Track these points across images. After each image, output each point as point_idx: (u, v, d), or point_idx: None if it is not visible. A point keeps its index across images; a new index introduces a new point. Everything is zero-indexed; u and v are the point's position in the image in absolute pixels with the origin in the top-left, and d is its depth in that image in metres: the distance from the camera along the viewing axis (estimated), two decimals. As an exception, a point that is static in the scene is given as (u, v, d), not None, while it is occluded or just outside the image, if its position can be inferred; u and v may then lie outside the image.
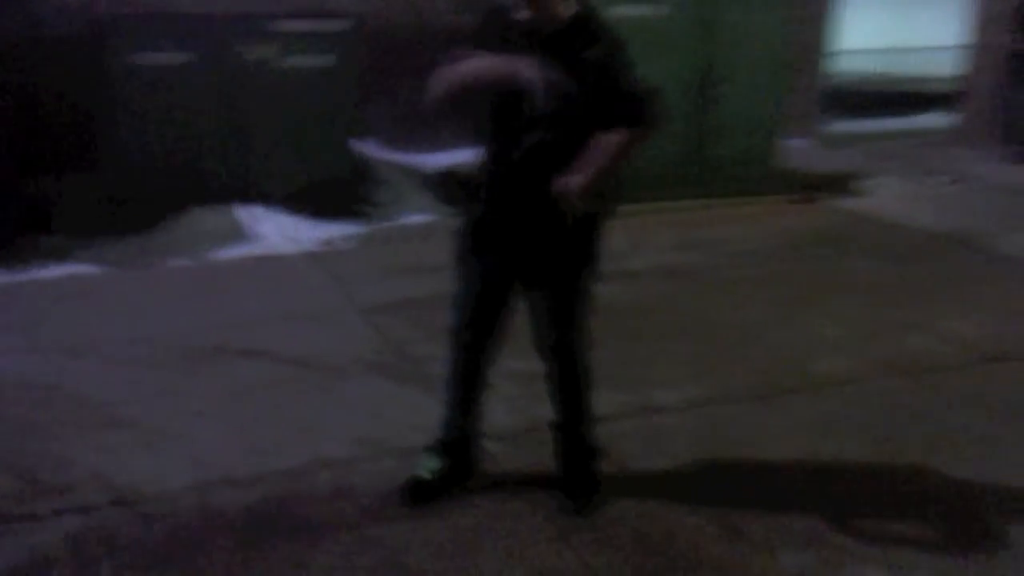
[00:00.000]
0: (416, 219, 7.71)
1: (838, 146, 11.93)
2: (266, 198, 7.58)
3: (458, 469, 3.51)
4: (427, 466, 3.48)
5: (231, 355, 4.91)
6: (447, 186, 7.94)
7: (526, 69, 2.93)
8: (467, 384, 3.48)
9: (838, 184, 9.28)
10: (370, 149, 9.04)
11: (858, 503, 3.40)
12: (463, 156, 7.35)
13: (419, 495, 3.42)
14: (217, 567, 3.05)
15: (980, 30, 11.29)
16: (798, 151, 10.78)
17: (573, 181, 3.00)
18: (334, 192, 7.90)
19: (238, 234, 7.16)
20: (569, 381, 3.42)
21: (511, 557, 3.08)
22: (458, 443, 3.52)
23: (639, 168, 8.15)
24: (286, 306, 5.75)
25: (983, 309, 5.53)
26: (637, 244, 7.19)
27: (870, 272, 6.46)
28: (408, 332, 5.18)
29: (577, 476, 3.47)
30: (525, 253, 3.21)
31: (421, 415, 4.03)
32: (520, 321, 3.36)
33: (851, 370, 4.64)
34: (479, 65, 3.02)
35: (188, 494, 3.49)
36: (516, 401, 4.14)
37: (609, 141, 3.01)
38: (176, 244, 6.93)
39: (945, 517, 3.29)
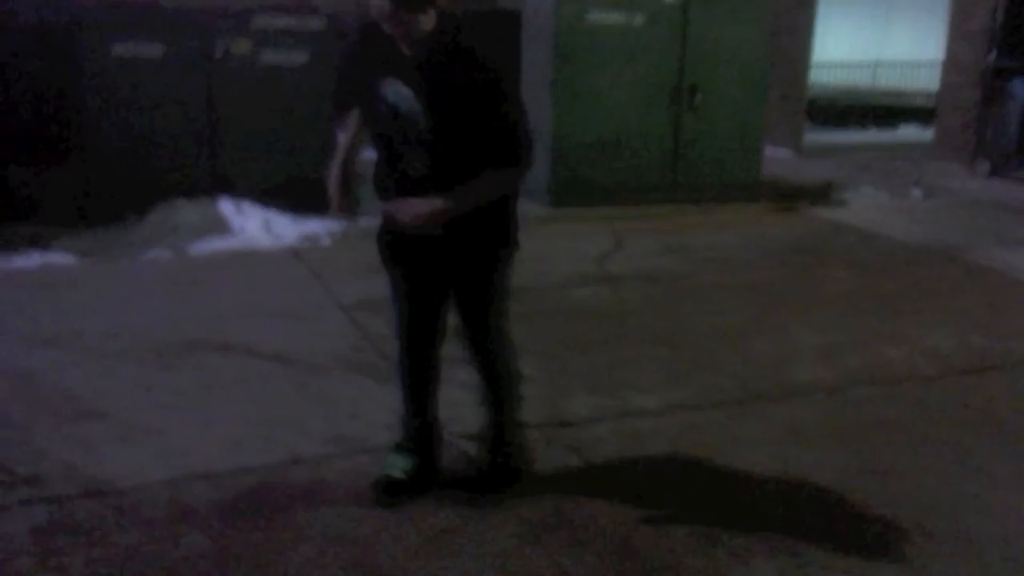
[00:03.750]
0: (397, 217, 7.68)
1: (817, 156, 12.03)
2: (247, 192, 7.55)
3: (427, 468, 3.50)
4: (398, 464, 3.46)
5: (208, 349, 4.88)
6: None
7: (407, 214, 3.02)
8: (415, 383, 3.47)
9: (817, 194, 9.36)
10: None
11: (835, 514, 3.41)
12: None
13: (392, 493, 3.40)
14: (188, 562, 3.02)
15: (957, 46, 11.40)
16: (779, 160, 10.87)
17: (431, 207, 2.97)
18: (315, 188, 7.85)
19: (218, 227, 7.12)
20: (487, 373, 3.39)
21: (483, 559, 3.07)
22: (421, 442, 3.51)
23: (620, 173, 8.29)
24: (265, 301, 5.72)
25: (959, 321, 5.58)
26: (617, 248, 7.21)
27: (848, 281, 6.50)
28: (388, 330, 5.11)
29: (490, 466, 3.47)
30: (434, 257, 3.19)
31: (398, 414, 4.01)
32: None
33: (828, 379, 4.67)
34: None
35: (161, 488, 3.46)
36: (493, 402, 4.12)
37: (485, 178, 3.00)
38: (155, 236, 6.89)
39: (921, 530, 3.30)
